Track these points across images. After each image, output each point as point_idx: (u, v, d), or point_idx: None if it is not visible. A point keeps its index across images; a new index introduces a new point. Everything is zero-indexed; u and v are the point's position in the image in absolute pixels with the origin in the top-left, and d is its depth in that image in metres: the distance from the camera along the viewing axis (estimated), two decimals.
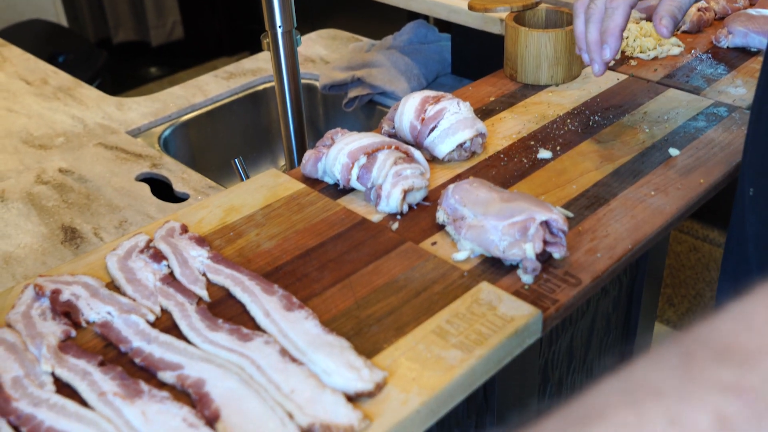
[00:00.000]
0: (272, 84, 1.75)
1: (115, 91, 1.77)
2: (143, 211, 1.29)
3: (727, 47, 1.26)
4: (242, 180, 1.18)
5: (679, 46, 1.26)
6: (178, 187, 1.36)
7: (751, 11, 1.27)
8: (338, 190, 0.94)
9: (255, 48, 4.56)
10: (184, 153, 1.62)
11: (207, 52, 4.34)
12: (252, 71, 1.79)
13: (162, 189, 1.38)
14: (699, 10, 1.31)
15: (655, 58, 1.23)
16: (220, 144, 1.70)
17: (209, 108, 1.67)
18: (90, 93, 1.71)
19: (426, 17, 2.07)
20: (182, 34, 4.34)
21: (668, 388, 0.32)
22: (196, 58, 4.29)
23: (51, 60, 2.03)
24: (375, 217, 0.89)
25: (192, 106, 1.66)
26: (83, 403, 0.65)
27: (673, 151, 0.98)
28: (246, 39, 4.34)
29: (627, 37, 1.28)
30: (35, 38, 2.80)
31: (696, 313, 2.40)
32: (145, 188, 1.35)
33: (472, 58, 1.62)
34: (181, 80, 4.05)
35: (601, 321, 1.40)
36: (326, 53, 1.86)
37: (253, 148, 1.77)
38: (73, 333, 0.73)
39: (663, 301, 2.44)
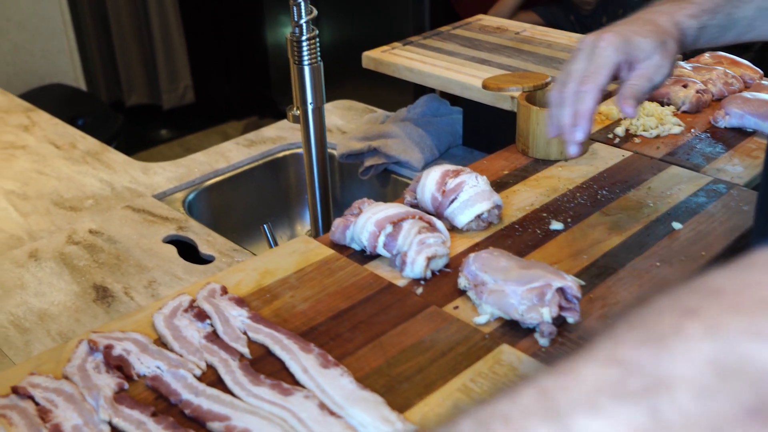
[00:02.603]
0: (291, 152, 1.84)
1: (128, 152, 1.85)
2: (171, 271, 1.35)
3: (725, 127, 1.34)
4: (270, 244, 1.24)
5: (679, 125, 1.34)
6: (204, 249, 1.43)
7: (746, 94, 1.36)
8: (365, 256, 1.01)
9: (263, 113, 4.67)
10: (207, 216, 1.69)
11: (217, 115, 4.47)
12: (272, 139, 1.88)
13: (188, 251, 1.45)
14: (698, 92, 1.40)
15: (658, 137, 1.32)
16: (241, 208, 1.77)
17: (231, 174, 1.75)
18: (116, 157, 1.79)
19: (434, 91, 2.17)
20: (193, 98, 4.47)
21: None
22: (207, 121, 4.41)
23: (71, 123, 2.12)
24: (400, 282, 0.95)
25: (215, 172, 1.73)
26: None
27: (676, 225, 1.06)
28: (255, 104, 4.47)
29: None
30: (56, 102, 2.90)
31: None
32: (172, 250, 1.42)
33: (483, 131, 1.71)
34: (191, 143, 4.17)
35: None
36: (342, 123, 1.95)
37: (271, 213, 1.85)
38: (126, 385, 0.78)
39: None
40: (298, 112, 1.22)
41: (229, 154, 1.81)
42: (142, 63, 4.34)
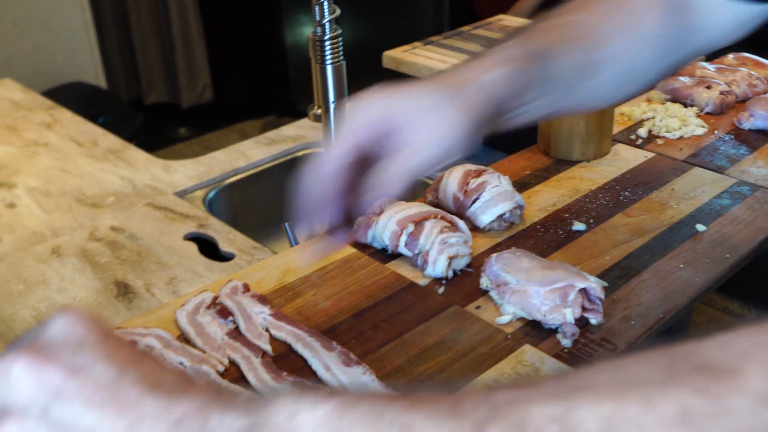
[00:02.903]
0: (311, 151, 1.84)
1: (147, 151, 1.86)
2: (192, 269, 1.36)
3: (749, 129, 1.33)
4: (291, 243, 1.25)
5: (703, 127, 1.33)
6: (224, 246, 1.43)
7: None
8: (386, 255, 1.01)
9: (281, 111, 4.67)
10: (227, 214, 1.70)
11: (235, 114, 4.48)
12: (292, 138, 1.88)
13: (208, 248, 1.45)
14: (721, 93, 1.39)
15: (681, 138, 1.31)
16: (260, 207, 1.78)
17: (251, 172, 1.76)
18: (138, 155, 1.80)
19: None
20: (212, 97, 4.49)
21: (649, 381, 0.40)
22: (225, 120, 4.42)
23: (92, 121, 2.14)
24: (422, 282, 0.95)
25: (235, 170, 1.74)
26: None
27: (700, 227, 1.05)
28: (273, 103, 4.48)
29: (653, 117, 1.36)
30: (77, 100, 2.92)
31: None
32: (193, 247, 1.43)
33: (504, 132, 1.71)
34: (209, 142, 4.19)
35: None
36: None
37: (291, 212, 1.85)
38: None
39: None
40: (320, 110, 1.22)
41: (249, 153, 1.82)
42: (161, 61, 4.37)
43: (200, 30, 4.32)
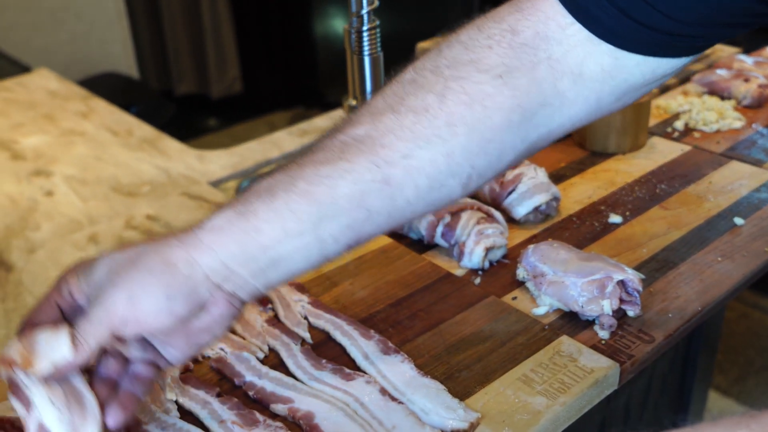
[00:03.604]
0: None
1: (177, 141, 1.88)
2: None
3: None
4: None
5: (740, 120, 1.32)
6: None
7: None
8: (423, 245, 1.02)
9: (309, 103, 4.68)
10: None
11: (264, 106, 4.50)
12: (324, 129, 1.89)
13: None
14: (760, 86, 1.38)
15: (718, 131, 1.30)
16: None
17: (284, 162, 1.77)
18: (172, 145, 1.82)
19: None
20: (241, 88, 4.51)
21: None
22: (254, 111, 4.44)
23: (125, 110, 2.17)
24: (458, 272, 0.96)
25: (267, 161, 1.75)
26: (205, 428, 0.72)
27: (738, 221, 1.04)
28: (301, 95, 4.50)
29: (690, 110, 1.35)
30: (110, 90, 2.95)
31: (747, 380, 2.41)
32: None
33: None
34: (238, 133, 4.22)
35: (657, 382, 1.44)
36: None
37: None
38: (191, 366, 0.80)
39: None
40: (355, 102, 1.22)
41: (282, 143, 1.83)
42: (191, 53, 4.39)
43: (230, 22, 4.34)
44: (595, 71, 0.66)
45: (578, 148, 1.27)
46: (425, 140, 0.65)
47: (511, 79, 0.66)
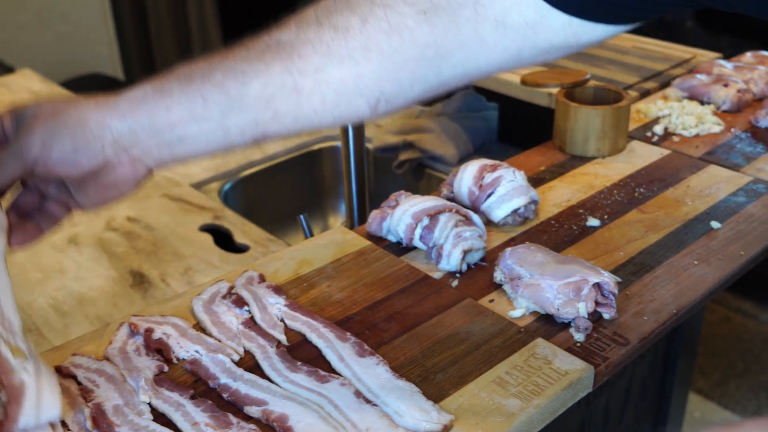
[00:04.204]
0: (326, 144, 1.85)
1: None
2: (206, 259, 1.37)
3: (766, 127, 1.33)
4: (306, 235, 1.26)
5: (719, 124, 1.33)
6: (239, 238, 1.45)
7: None
8: (401, 248, 1.02)
9: None
10: (242, 206, 1.71)
11: None
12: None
13: (223, 240, 1.47)
14: (738, 91, 1.39)
15: (697, 136, 1.31)
16: (275, 199, 1.79)
17: (266, 165, 1.77)
18: None
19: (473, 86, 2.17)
20: None
21: None
22: None
23: None
24: (436, 275, 0.96)
25: (250, 163, 1.75)
26: (178, 431, 0.72)
27: (715, 224, 1.05)
28: None
29: (670, 115, 1.36)
30: (95, 91, 2.94)
31: (728, 384, 2.42)
32: (208, 238, 1.44)
33: (518, 127, 1.71)
34: None
35: (637, 385, 1.45)
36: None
37: (305, 205, 1.86)
38: (166, 368, 0.80)
39: (695, 370, 2.46)
40: None
41: (265, 145, 1.82)
42: (178, 54, 4.38)
43: (217, 23, 4.33)
44: (518, 23, 0.67)
45: (558, 151, 1.27)
46: (338, 58, 0.67)
47: (433, 16, 0.67)
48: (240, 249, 1.44)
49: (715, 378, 2.44)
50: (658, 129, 1.32)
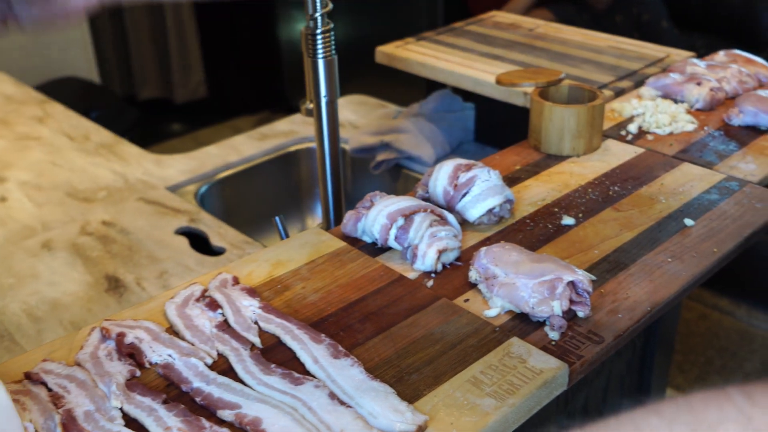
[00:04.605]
0: (303, 146, 1.84)
1: (140, 146, 1.86)
2: (182, 263, 1.36)
3: (738, 125, 1.34)
4: (282, 237, 1.25)
5: (693, 123, 1.34)
6: (215, 241, 1.44)
7: (761, 92, 1.35)
8: (376, 249, 1.02)
9: (275, 107, 4.67)
10: (219, 209, 1.70)
11: (229, 110, 4.48)
12: (284, 133, 1.88)
13: (199, 243, 1.46)
14: (712, 90, 1.39)
15: (671, 134, 1.31)
16: (252, 201, 1.78)
17: (243, 167, 1.76)
18: (130, 149, 1.80)
19: (446, 86, 2.17)
20: (206, 93, 4.48)
21: None
22: (219, 116, 4.42)
23: (85, 115, 2.13)
24: (411, 275, 0.96)
25: (227, 165, 1.74)
26: None
27: (689, 222, 1.05)
28: (267, 99, 4.48)
29: (644, 113, 1.36)
30: (70, 95, 2.92)
31: (706, 380, 2.44)
32: (184, 242, 1.43)
33: (495, 127, 1.71)
34: (203, 137, 4.19)
35: (616, 382, 1.46)
36: (355, 118, 1.95)
37: (282, 207, 1.86)
38: (138, 373, 0.79)
39: (673, 367, 2.48)
40: (311, 105, 1.22)
41: (242, 148, 1.82)
42: (155, 57, 4.36)
43: (195, 25, 4.31)
44: None
45: (533, 150, 1.27)
46: None
47: None
48: (216, 252, 1.43)
49: (694, 375, 2.46)
50: (633, 128, 1.33)
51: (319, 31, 1.13)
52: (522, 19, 1.91)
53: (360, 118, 1.96)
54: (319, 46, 1.14)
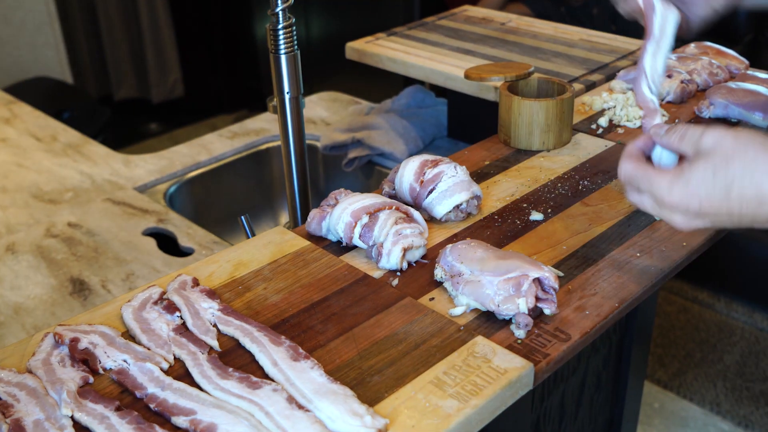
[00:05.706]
0: (274, 144, 1.82)
1: (116, 146, 1.83)
2: (149, 264, 1.33)
3: (709, 117, 1.33)
4: (248, 236, 1.23)
5: (664, 115, 1.33)
6: (184, 241, 1.41)
7: (731, 84, 1.34)
8: (341, 248, 1.00)
9: (253, 106, 4.64)
10: (188, 209, 1.68)
11: (206, 109, 4.44)
12: (255, 131, 1.86)
13: (168, 243, 1.43)
14: (682, 82, 1.38)
15: (641, 127, 1.30)
16: (223, 201, 1.75)
17: (213, 166, 1.73)
18: (98, 150, 1.77)
19: (422, 82, 2.15)
20: (183, 92, 4.44)
21: None
22: (196, 115, 4.38)
23: (56, 116, 2.09)
24: (376, 274, 0.94)
25: (197, 164, 1.72)
26: None
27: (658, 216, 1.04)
28: (244, 97, 4.44)
29: (614, 107, 1.35)
30: (41, 95, 2.88)
31: (687, 373, 2.44)
32: (152, 243, 1.40)
33: (467, 123, 1.70)
34: (180, 137, 4.15)
35: (592, 378, 1.44)
36: (327, 115, 1.93)
37: (254, 205, 1.83)
38: (91, 379, 0.77)
39: (654, 361, 2.48)
40: (276, 101, 1.20)
41: (212, 146, 1.79)
42: (131, 56, 4.31)
43: (170, 23, 4.27)
44: None
45: (503, 145, 1.26)
46: None
47: None
48: (185, 252, 1.41)
49: (674, 368, 2.46)
50: (603, 121, 1.32)
51: (280, 26, 1.11)
52: (494, 13, 1.90)
53: (332, 114, 1.93)
54: (281, 42, 1.12)
